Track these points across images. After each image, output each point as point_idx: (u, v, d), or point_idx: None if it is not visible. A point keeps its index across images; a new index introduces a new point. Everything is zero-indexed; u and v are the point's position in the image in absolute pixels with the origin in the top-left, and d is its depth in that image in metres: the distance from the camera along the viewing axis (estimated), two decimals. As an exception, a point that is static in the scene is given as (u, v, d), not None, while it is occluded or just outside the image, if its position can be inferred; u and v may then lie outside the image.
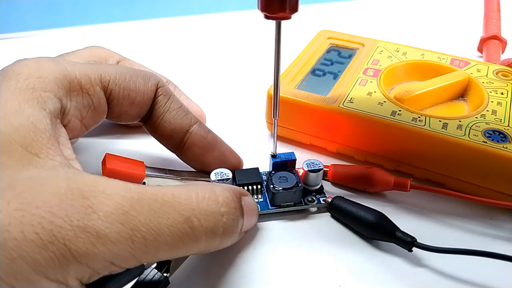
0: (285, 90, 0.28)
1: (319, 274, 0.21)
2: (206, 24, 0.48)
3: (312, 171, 0.24)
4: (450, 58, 0.31)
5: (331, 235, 0.23)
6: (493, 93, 0.28)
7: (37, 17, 0.73)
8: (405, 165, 0.26)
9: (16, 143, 0.16)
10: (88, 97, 0.20)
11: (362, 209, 0.23)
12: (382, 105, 0.27)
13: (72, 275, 0.14)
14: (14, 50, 0.43)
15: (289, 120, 0.28)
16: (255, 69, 0.37)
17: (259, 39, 0.42)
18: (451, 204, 0.25)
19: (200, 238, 0.17)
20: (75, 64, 0.20)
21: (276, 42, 0.20)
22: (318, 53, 0.32)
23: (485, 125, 0.25)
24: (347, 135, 0.27)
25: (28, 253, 0.13)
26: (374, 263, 0.21)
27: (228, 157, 0.25)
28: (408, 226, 0.22)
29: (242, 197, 0.19)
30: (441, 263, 0.21)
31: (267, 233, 0.23)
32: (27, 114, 0.17)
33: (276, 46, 0.21)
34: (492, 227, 0.23)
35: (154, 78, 0.23)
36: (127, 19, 0.49)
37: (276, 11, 0.18)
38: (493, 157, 0.23)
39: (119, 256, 0.15)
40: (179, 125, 0.23)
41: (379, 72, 0.30)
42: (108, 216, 0.15)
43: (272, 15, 0.19)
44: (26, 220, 0.13)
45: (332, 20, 0.47)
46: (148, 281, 0.19)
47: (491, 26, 0.39)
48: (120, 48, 0.32)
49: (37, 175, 0.15)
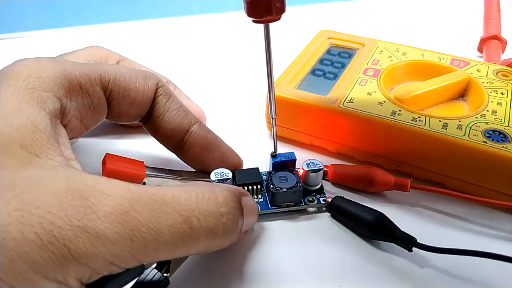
0: (285, 90, 0.28)
1: (319, 274, 0.21)
2: (206, 24, 0.48)
3: (312, 171, 0.24)
4: (450, 58, 0.31)
5: (331, 235, 0.23)
6: (493, 93, 0.28)
7: (37, 17, 0.73)
8: (405, 165, 0.26)
9: (16, 143, 0.16)
10: (88, 97, 0.20)
11: (362, 209, 0.23)
12: (382, 105, 0.27)
13: (72, 275, 0.14)
14: (14, 50, 0.43)
15: (289, 120, 0.28)
16: (255, 69, 0.37)
17: (259, 39, 0.42)
18: (451, 204, 0.25)
19: (200, 238, 0.17)
20: (75, 64, 0.20)
21: (267, 44, 0.21)
22: (318, 53, 0.32)
23: (485, 125, 0.25)
24: (347, 135, 0.27)
25: (28, 253, 0.13)
26: (374, 263, 0.21)
27: (228, 157, 0.25)
28: (408, 226, 0.22)
29: (242, 197, 0.19)
30: (441, 263, 0.21)
31: (267, 233, 0.23)
32: (27, 114, 0.17)
33: (266, 49, 0.21)
34: (492, 227, 0.23)
35: (154, 78, 0.23)
36: (127, 19, 0.49)
37: (263, 15, 0.19)
38: (493, 157, 0.23)
39: (119, 256, 0.15)
40: (179, 125, 0.23)
41: (379, 72, 0.30)
42: (108, 216, 0.15)
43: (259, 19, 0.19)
44: (26, 220, 0.13)
45: (332, 20, 0.47)
46: (148, 281, 0.19)
47: (491, 26, 0.39)
48: (120, 48, 0.32)
49: (37, 175, 0.15)
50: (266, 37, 0.21)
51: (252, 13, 0.19)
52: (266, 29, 0.20)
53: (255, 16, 0.19)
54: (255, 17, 0.19)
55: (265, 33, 0.20)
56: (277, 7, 0.19)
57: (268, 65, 0.22)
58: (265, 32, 0.20)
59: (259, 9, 0.18)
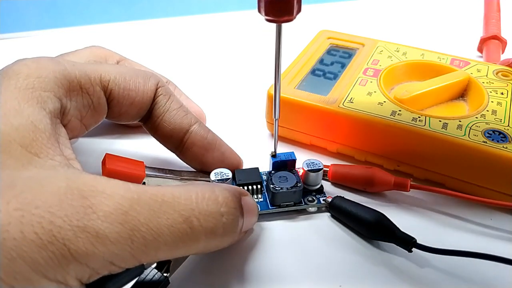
0: (285, 90, 0.28)
1: (319, 274, 0.21)
2: (206, 24, 0.48)
3: (312, 171, 0.24)
4: (450, 58, 0.31)
5: (331, 235, 0.23)
6: (493, 93, 0.28)
7: (37, 17, 0.73)
8: (405, 165, 0.26)
9: (16, 143, 0.16)
10: (88, 97, 0.20)
11: (362, 209, 0.23)
12: (382, 105, 0.27)
13: (72, 275, 0.14)
14: (14, 50, 0.43)
15: (289, 120, 0.28)
16: (255, 69, 0.37)
17: (259, 39, 0.42)
18: (451, 204, 0.25)
19: (200, 238, 0.17)
20: (75, 64, 0.20)
21: (277, 44, 0.20)
22: (318, 53, 0.32)
23: (485, 125, 0.25)
24: (347, 135, 0.27)
25: (28, 253, 0.13)
26: (374, 263, 0.21)
27: (228, 157, 0.25)
28: (408, 226, 0.22)
29: (242, 197, 0.19)
30: (440, 263, 0.21)
31: (267, 233, 0.23)
32: (27, 114, 0.17)
33: (276, 48, 0.20)
34: (492, 227, 0.23)
35: (154, 78, 0.23)
36: (127, 19, 0.49)
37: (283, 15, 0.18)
38: (493, 157, 0.23)
39: (119, 256, 0.15)
40: (179, 125, 0.23)
41: (379, 72, 0.30)
42: (108, 216, 0.15)
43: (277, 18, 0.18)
44: (26, 220, 0.13)
45: (332, 20, 0.47)
46: (148, 281, 0.19)
47: (491, 26, 0.39)
48: (120, 48, 0.32)
49: (37, 174, 0.15)
50: (277, 37, 0.20)
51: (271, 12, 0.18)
52: (278, 29, 0.20)
53: (273, 15, 0.18)
54: (273, 16, 0.18)
55: (277, 33, 0.20)
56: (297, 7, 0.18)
57: (276, 65, 0.21)
58: (277, 32, 0.20)
59: (280, 9, 0.18)
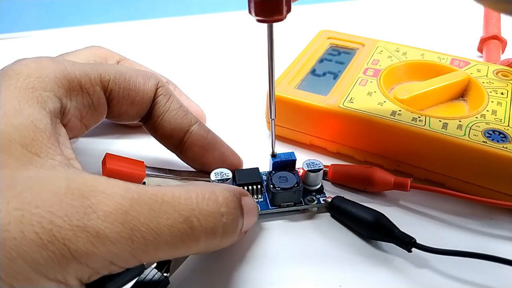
0: (285, 90, 0.28)
1: (319, 274, 0.21)
2: (206, 24, 0.48)
3: (312, 171, 0.24)
4: (450, 58, 0.31)
5: (331, 235, 0.23)
6: (493, 93, 0.28)
7: (37, 17, 0.73)
8: (405, 165, 0.26)
9: (16, 143, 0.16)
10: (88, 97, 0.20)
11: (362, 209, 0.23)
12: (382, 105, 0.27)
13: (72, 274, 0.14)
14: (14, 50, 0.43)
15: (289, 120, 0.28)
16: (255, 69, 0.37)
17: (259, 39, 0.41)
18: (451, 204, 0.25)
19: (200, 238, 0.17)
20: (75, 63, 0.20)
21: (269, 44, 0.20)
22: (318, 53, 0.32)
23: (485, 125, 0.25)
24: (347, 135, 0.27)
25: (28, 252, 0.13)
26: (374, 263, 0.21)
27: (228, 157, 0.25)
28: (408, 226, 0.22)
29: (242, 197, 0.19)
30: (440, 263, 0.21)
31: (267, 233, 0.23)
32: (27, 114, 0.17)
33: (269, 48, 0.20)
34: (492, 227, 0.23)
35: (154, 78, 0.23)
36: (127, 19, 0.49)
37: (272, 15, 0.18)
38: (493, 157, 0.23)
39: (119, 256, 0.15)
40: (179, 125, 0.23)
41: (379, 72, 0.30)
42: (108, 216, 0.15)
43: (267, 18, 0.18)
44: (26, 219, 0.13)
45: (332, 20, 0.47)
46: (148, 281, 0.19)
47: (491, 26, 0.39)
48: (120, 48, 0.32)
49: (37, 174, 0.15)
50: (269, 37, 0.20)
51: (260, 12, 0.18)
52: (270, 29, 0.20)
53: (263, 15, 0.18)
54: (263, 16, 0.18)
55: (268, 32, 0.20)
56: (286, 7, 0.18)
57: (270, 65, 0.21)
58: (269, 31, 0.20)
59: (269, 9, 0.18)
